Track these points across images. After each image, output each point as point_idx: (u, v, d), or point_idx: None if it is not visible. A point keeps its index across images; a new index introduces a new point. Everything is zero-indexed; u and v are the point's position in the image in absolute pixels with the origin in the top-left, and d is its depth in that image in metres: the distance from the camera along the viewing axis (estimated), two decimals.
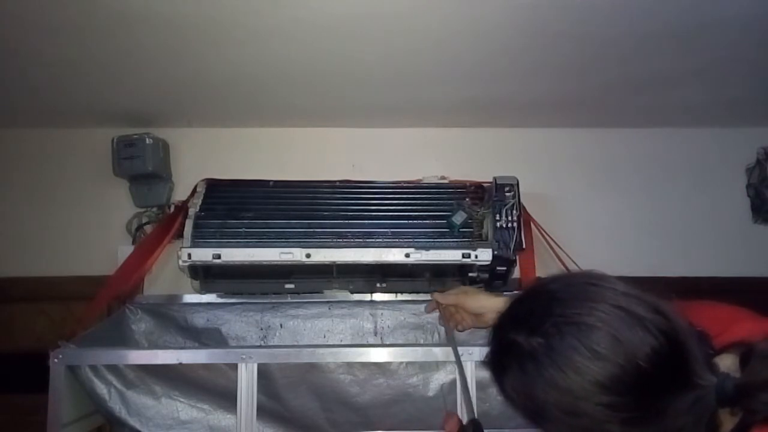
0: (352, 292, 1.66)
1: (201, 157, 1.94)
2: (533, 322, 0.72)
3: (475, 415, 1.08)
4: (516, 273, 1.56)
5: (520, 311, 0.78)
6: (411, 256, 1.44)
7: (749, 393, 0.67)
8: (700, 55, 1.49)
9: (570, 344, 0.68)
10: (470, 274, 1.50)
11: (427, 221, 1.50)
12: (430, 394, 1.32)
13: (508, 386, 0.75)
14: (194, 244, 1.45)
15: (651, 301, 0.72)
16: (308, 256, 1.43)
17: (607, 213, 1.97)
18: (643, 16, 1.30)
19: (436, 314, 1.54)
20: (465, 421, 1.05)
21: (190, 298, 1.72)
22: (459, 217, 1.48)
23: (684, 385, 0.68)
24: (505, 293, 1.41)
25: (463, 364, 1.21)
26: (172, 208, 1.82)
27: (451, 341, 1.27)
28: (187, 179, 1.83)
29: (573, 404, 0.68)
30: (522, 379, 0.72)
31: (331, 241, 1.46)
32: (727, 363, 0.73)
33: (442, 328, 1.64)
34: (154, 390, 1.34)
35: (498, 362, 0.77)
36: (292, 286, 1.59)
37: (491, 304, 1.26)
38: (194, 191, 1.57)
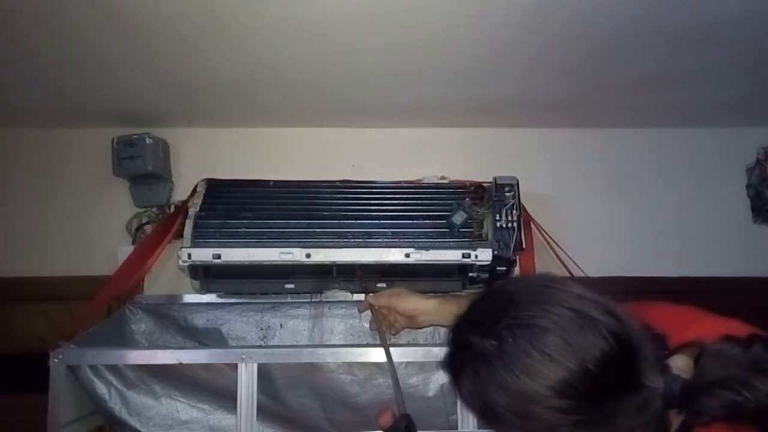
0: (352, 292, 1.66)
1: (201, 157, 1.94)
2: (488, 323, 0.72)
3: (405, 410, 1.08)
4: (516, 273, 1.56)
5: (477, 312, 0.78)
6: (411, 256, 1.44)
7: (693, 395, 0.67)
8: (700, 55, 1.49)
9: (522, 347, 0.68)
10: (470, 274, 1.50)
11: (427, 221, 1.50)
12: (430, 394, 1.32)
13: (463, 387, 0.75)
14: (194, 244, 1.45)
15: (604, 303, 0.72)
16: (308, 256, 1.43)
17: (607, 213, 1.97)
18: (642, 16, 1.30)
19: None
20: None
21: (190, 298, 1.72)
22: (459, 217, 1.48)
23: (633, 387, 0.68)
24: (437, 295, 1.40)
25: None
26: (172, 208, 1.82)
27: (382, 342, 1.27)
28: (187, 179, 1.83)
29: (524, 407, 0.68)
30: (475, 380, 0.72)
31: (331, 241, 1.46)
32: (679, 363, 0.73)
33: (442, 328, 1.65)
34: (154, 390, 1.34)
35: (453, 363, 0.77)
36: (292, 286, 1.58)
37: (423, 307, 1.26)
38: (194, 191, 1.57)
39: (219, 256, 1.43)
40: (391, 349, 1.35)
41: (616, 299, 0.74)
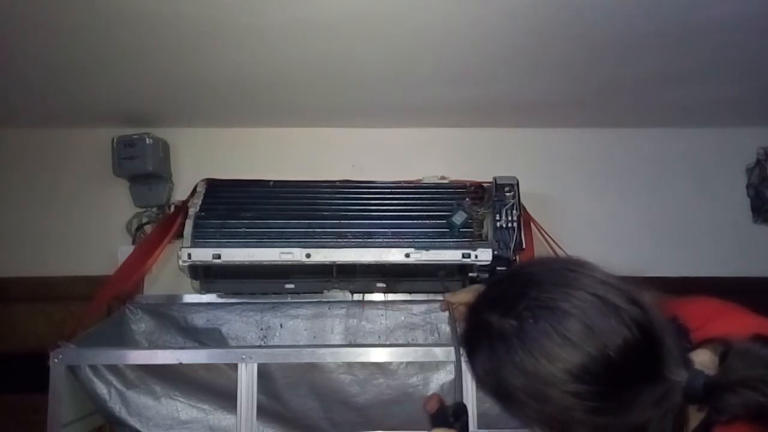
0: (352, 292, 1.66)
1: (201, 157, 1.94)
2: (507, 303, 0.71)
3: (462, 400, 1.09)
4: None
5: (497, 292, 0.76)
6: (411, 256, 1.44)
7: (717, 392, 0.66)
8: (700, 55, 1.49)
9: (542, 329, 0.67)
10: (470, 274, 1.50)
11: (427, 221, 1.50)
12: (431, 393, 1.32)
13: (478, 366, 0.74)
14: (194, 244, 1.45)
15: (629, 291, 0.71)
16: (308, 256, 1.43)
17: (607, 213, 1.97)
18: (642, 16, 1.30)
19: (435, 314, 1.55)
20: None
21: (190, 298, 1.72)
22: (459, 217, 1.48)
23: (653, 378, 0.67)
24: None
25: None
26: (172, 208, 1.82)
27: (454, 340, 1.27)
28: (187, 179, 1.83)
29: (539, 389, 0.67)
30: (492, 359, 0.70)
31: (331, 241, 1.46)
32: (702, 358, 0.72)
33: (442, 328, 1.66)
34: (154, 390, 1.34)
35: (470, 341, 0.76)
36: (292, 286, 1.59)
37: None
38: (194, 191, 1.57)
39: (219, 256, 1.43)
40: (392, 350, 1.36)
41: (643, 288, 0.72)
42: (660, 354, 0.67)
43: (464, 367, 1.20)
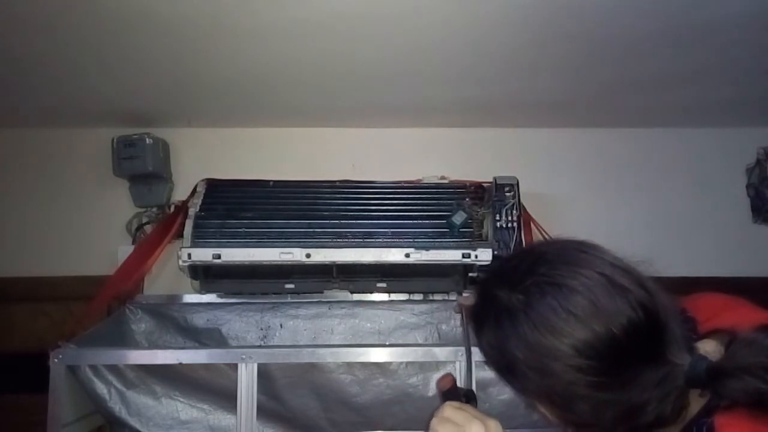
0: (352, 292, 1.66)
1: (201, 157, 1.94)
2: (516, 278, 0.72)
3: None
4: None
5: (507, 267, 0.78)
6: (411, 256, 1.44)
7: (719, 377, 0.66)
8: (700, 55, 1.49)
9: (548, 304, 0.68)
10: (470, 274, 1.50)
11: (427, 221, 1.50)
12: (430, 394, 1.32)
13: (484, 339, 0.75)
14: (194, 244, 1.45)
15: (637, 275, 0.73)
16: (308, 256, 1.43)
17: (607, 213, 1.97)
18: (642, 16, 1.30)
19: (435, 314, 1.55)
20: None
21: (190, 298, 1.72)
22: (459, 217, 1.48)
23: (656, 360, 0.68)
24: None
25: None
26: (172, 208, 1.82)
27: (465, 342, 1.28)
28: (187, 179, 1.83)
29: (543, 363, 0.68)
30: (497, 333, 0.72)
31: (331, 241, 1.46)
32: (708, 348, 0.73)
33: (442, 328, 1.66)
34: (154, 390, 1.34)
35: (478, 315, 0.77)
36: (292, 286, 1.59)
37: None
38: (194, 191, 1.57)
39: (219, 256, 1.43)
40: (392, 350, 1.36)
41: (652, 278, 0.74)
42: (663, 337, 0.69)
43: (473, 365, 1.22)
